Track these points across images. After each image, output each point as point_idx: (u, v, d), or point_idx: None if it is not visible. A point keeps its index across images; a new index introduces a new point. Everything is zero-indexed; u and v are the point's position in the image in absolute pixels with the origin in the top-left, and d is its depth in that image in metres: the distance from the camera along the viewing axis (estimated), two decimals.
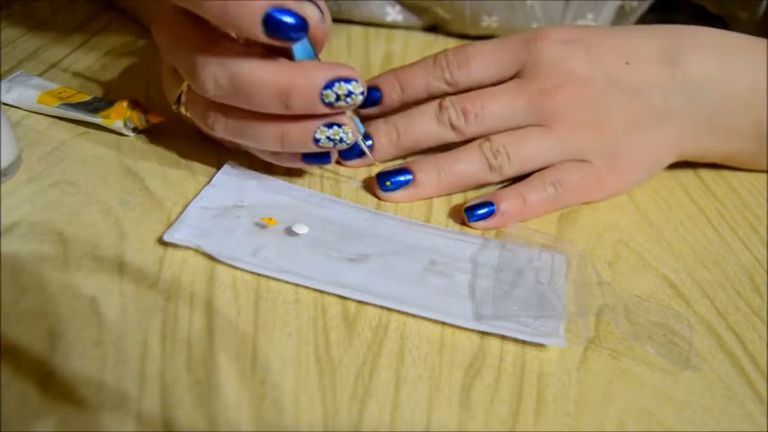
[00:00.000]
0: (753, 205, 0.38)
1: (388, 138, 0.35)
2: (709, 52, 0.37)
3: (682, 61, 0.36)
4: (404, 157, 0.37)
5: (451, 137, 0.35)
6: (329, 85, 0.28)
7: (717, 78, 0.36)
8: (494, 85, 0.36)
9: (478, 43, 0.37)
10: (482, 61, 0.36)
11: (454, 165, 0.34)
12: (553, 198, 0.34)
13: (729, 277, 0.32)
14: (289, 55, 0.29)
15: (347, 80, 0.28)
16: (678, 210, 0.37)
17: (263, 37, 0.27)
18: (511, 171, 0.35)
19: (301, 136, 0.30)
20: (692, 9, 0.52)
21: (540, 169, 0.35)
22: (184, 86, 0.31)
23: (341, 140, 0.30)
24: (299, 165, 0.33)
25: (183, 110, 0.32)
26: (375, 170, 0.35)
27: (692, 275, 0.32)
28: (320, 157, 0.32)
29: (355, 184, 0.35)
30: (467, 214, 0.33)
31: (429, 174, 0.34)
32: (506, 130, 0.35)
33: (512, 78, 0.36)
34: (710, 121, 0.37)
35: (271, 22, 0.26)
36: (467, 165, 0.34)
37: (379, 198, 0.34)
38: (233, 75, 0.28)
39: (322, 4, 0.29)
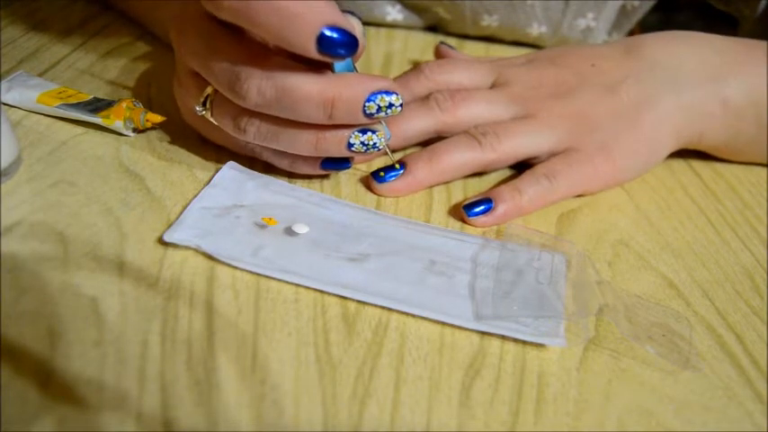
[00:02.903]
0: (753, 205, 0.38)
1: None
2: (666, 39, 0.40)
3: (645, 51, 0.39)
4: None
5: (438, 117, 0.36)
6: (371, 98, 0.29)
7: (685, 59, 0.38)
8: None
9: (453, 58, 0.41)
10: (459, 69, 0.39)
11: (444, 148, 0.35)
12: (548, 189, 0.35)
13: (729, 277, 0.32)
14: (328, 66, 0.29)
15: (388, 93, 0.29)
16: (678, 210, 0.37)
17: (315, 54, 0.27)
18: (501, 148, 0.35)
19: (336, 141, 0.30)
20: (695, 9, 0.52)
21: (532, 159, 0.36)
22: (209, 90, 0.31)
23: (374, 146, 0.31)
24: (317, 171, 0.33)
25: (208, 114, 0.32)
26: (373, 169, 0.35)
27: (692, 275, 0.32)
28: (340, 163, 0.33)
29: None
30: (465, 211, 0.33)
31: (420, 160, 0.35)
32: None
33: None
34: (694, 102, 0.38)
35: (325, 40, 0.27)
36: (456, 146, 0.35)
37: (375, 193, 0.34)
38: (279, 87, 0.28)
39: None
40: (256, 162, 0.35)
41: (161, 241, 0.29)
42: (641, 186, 0.38)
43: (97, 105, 0.36)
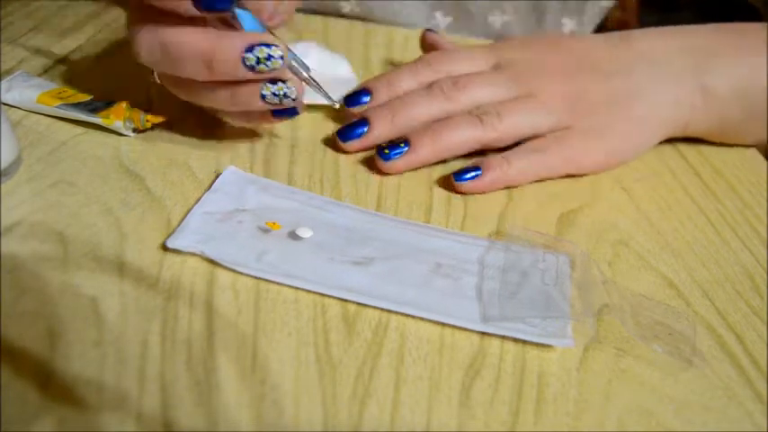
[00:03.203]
0: (753, 205, 0.38)
1: (383, 117, 0.37)
2: (656, 33, 0.41)
3: (635, 44, 0.40)
4: None
5: (443, 103, 0.37)
6: (250, 50, 0.30)
7: (673, 53, 0.39)
8: None
9: (454, 50, 0.42)
10: (462, 59, 0.40)
11: (446, 125, 0.36)
12: (538, 162, 0.36)
13: (729, 277, 0.32)
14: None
15: (267, 45, 0.30)
16: (678, 210, 0.37)
17: (191, 8, 0.29)
18: (502, 126, 0.36)
19: (249, 94, 0.31)
20: (695, 9, 0.52)
21: (532, 139, 0.37)
22: None
23: (285, 95, 0.31)
24: (271, 120, 0.34)
25: (158, 79, 0.34)
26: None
27: (692, 275, 0.32)
28: (287, 111, 0.33)
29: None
30: (454, 177, 0.35)
31: (424, 136, 0.36)
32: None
33: None
34: (678, 95, 0.39)
35: None
36: (458, 125, 0.36)
37: (379, 170, 0.36)
38: (161, 42, 0.30)
39: None
40: (256, 164, 0.35)
41: (164, 248, 0.29)
42: (641, 186, 0.38)
43: (97, 105, 0.36)
